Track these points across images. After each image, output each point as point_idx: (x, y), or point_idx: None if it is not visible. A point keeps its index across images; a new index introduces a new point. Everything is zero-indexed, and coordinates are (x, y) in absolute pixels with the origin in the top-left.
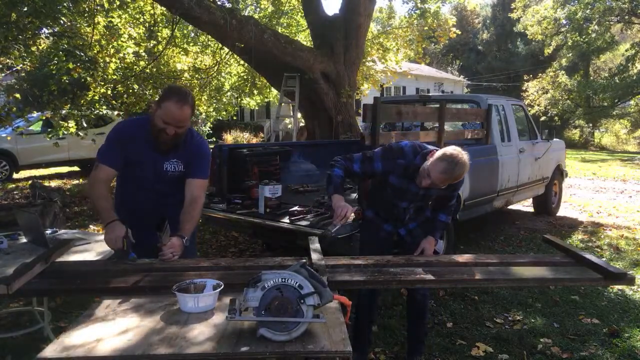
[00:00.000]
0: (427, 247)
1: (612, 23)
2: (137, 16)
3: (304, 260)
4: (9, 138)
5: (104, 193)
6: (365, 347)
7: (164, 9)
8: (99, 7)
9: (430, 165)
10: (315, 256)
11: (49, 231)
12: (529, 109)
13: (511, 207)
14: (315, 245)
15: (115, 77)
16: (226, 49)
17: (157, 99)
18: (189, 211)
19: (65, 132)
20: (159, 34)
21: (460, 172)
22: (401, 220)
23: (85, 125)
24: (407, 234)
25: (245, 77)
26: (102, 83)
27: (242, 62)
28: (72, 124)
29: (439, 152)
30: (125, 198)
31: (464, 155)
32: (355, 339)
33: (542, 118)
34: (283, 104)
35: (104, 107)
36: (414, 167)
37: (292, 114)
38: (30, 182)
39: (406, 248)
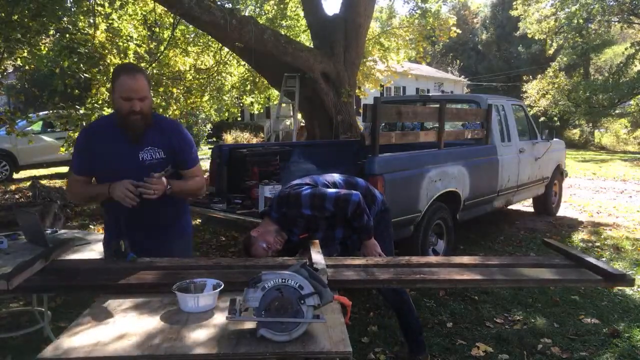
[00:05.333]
0: (366, 253)
1: (612, 23)
2: (139, 17)
3: (305, 261)
4: (12, 145)
5: (81, 184)
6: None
7: (165, 9)
8: (100, 8)
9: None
10: (315, 256)
11: (48, 231)
12: (529, 109)
13: (511, 207)
14: (315, 245)
15: None
16: (226, 49)
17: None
18: (187, 179)
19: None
20: (160, 35)
21: None
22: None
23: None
24: (351, 243)
25: (246, 77)
26: (106, 84)
27: (242, 62)
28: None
29: None
30: (113, 202)
31: None
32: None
33: (542, 118)
34: (283, 104)
35: (107, 109)
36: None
37: (292, 114)
38: (30, 182)
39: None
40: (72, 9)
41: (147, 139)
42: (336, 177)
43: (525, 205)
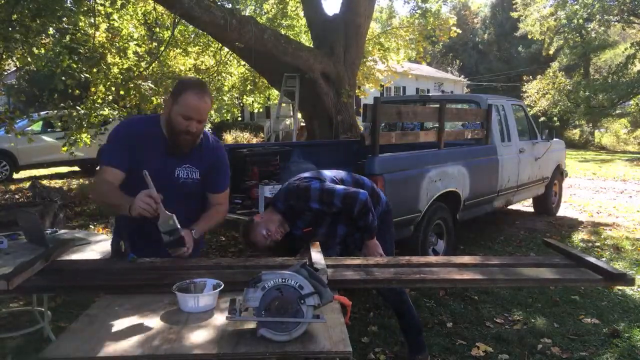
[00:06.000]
0: (367, 252)
1: (612, 23)
2: (139, 17)
3: (305, 261)
4: (12, 144)
5: (112, 187)
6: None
7: (165, 9)
8: (100, 8)
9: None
10: (315, 256)
11: (49, 231)
12: (529, 109)
13: (511, 207)
14: (315, 245)
15: (117, 79)
16: (226, 49)
17: (168, 96)
18: (210, 214)
19: (78, 140)
20: (160, 35)
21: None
22: (343, 242)
23: (95, 130)
24: (352, 242)
25: (246, 76)
26: (106, 84)
27: (242, 62)
28: (84, 134)
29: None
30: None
31: None
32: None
33: (542, 118)
34: (283, 104)
35: (107, 109)
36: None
37: (292, 114)
38: (30, 182)
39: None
40: (72, 9)
41: (187, 156)
42: (343, 174)
43: (525, 205)
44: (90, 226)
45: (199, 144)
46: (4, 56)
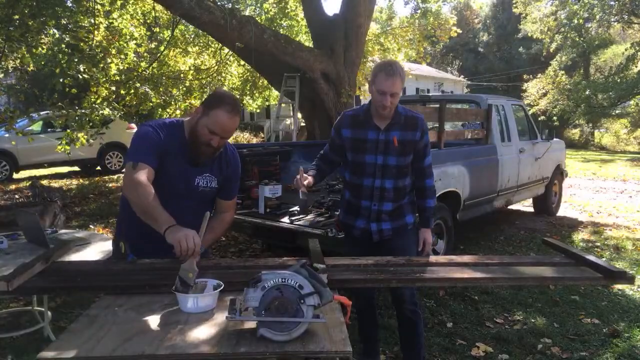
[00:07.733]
0: (426, 237)
1: (612, 23)
2: (139, 17)
3: (304, 261)
4: (13, 143)
5: (151, 191)
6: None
7: (164, 9)
8: (100, 7)
9: (372, 80)
10: (315, 256)
11: (48, 231)
12: (529, 109)
13: (511, 207)
14: (315, 245)
15: (117, 78)
16: (226, 49)
17: (202, 103)
18: (215, 224)
19: (75, 139)
20: (160, 35)
21: (398, 68)
22: (376, 197)
23: (92, 129)
24: (377, 231)
25: (246, 77)
26: (105, 84)
27: (242, 63)
28: (81, 134)
29: (375, 67)
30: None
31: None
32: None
33: (541, 118)
34: (283, 104)
35: (107, 109)
36: (364, 113)
37: (292, 114)
38: (30, 182)
39: (386, 247)
40: (72, 9)
41: (208, 165)
42: None
43: (525, 205)
44: (90, 226)
45: (219, 154)
46: (4, 55)
